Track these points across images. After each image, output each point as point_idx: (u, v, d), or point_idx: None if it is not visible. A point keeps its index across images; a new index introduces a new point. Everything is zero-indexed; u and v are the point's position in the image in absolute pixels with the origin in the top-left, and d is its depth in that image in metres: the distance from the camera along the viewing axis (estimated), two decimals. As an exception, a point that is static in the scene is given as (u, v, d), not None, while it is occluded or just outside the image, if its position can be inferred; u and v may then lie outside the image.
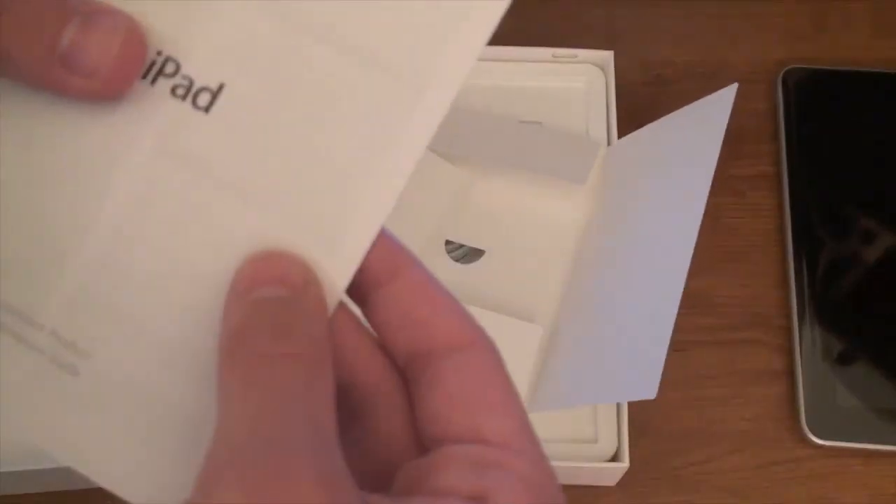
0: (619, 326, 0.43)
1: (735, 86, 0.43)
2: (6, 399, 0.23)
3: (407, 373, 0.23)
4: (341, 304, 0.23)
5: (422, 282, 0.23)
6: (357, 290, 0.23)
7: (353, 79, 0.22)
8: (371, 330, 0.24)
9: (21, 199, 0.23)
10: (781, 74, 0.55)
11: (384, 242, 0.23)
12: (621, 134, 0.51)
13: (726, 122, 0.42)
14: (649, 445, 0.47)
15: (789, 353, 0.49)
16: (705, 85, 0.48)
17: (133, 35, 0.22)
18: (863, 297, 0.50)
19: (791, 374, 0.49)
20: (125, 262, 0.23)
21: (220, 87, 0.22)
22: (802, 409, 0.48)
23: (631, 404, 0.45)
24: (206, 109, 0.22)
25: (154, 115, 0.23)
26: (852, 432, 0.47)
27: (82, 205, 0.23)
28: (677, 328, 0.38)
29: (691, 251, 0.39)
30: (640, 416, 0.47)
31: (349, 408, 0.23)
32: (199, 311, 0.22)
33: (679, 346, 0.37)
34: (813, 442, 0.47)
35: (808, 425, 0.47)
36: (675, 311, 0.38)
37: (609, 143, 0.51)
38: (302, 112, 0.23)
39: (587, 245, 0.49)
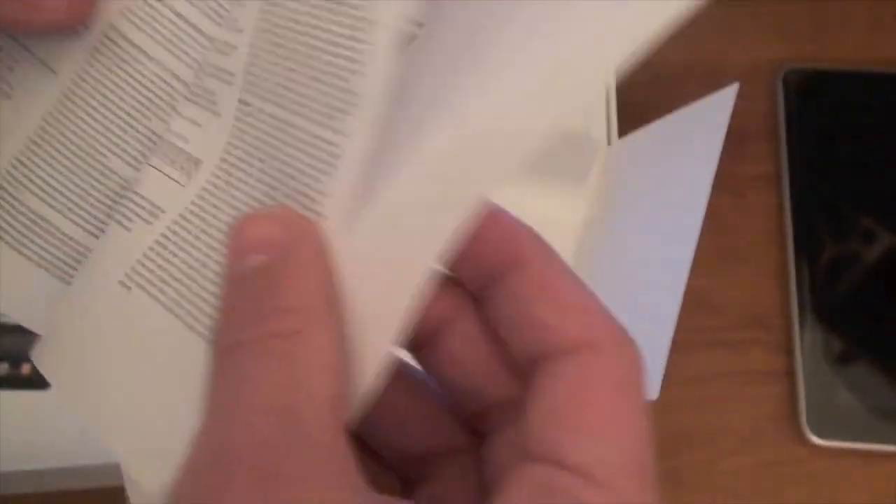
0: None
1: (736, 85, 0.43)
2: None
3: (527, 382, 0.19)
4: (466, 305, 0.20)
5: (546, 274, 0.20)
6: (474, 284, 0.20)
7: None
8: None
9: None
10: (781, 74, 0.55)
11: (502, 226, 0.20)
12: (621, 134, 0.51)
13: (727, 121, 0.41)
14: (649, 445, 0.47)
15: (789, 353, 0.49)
16: (705, 85, 0.48)
17: None
18: (863, 297, 0.50)
19: (791, 374, 0.49)
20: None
21: None
22: (802, 409, 0.48)
23: (631, 404, 0.45)
24: None
25: None
26: (852, 432, 0.47)
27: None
28: (677, 328, 0.38)
29: (693, 251, 0.39)
30: (641, 416, 0.46)
31: (474, 415, 0.20)
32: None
33: (679, 346, 0.37)
34: (813, 442, 0.47)
35: (808, 425, 0.47)
36: (677, 312, 0.38)
37: (609, 143, 0.51)
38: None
39: (587, 245, 0.49)
